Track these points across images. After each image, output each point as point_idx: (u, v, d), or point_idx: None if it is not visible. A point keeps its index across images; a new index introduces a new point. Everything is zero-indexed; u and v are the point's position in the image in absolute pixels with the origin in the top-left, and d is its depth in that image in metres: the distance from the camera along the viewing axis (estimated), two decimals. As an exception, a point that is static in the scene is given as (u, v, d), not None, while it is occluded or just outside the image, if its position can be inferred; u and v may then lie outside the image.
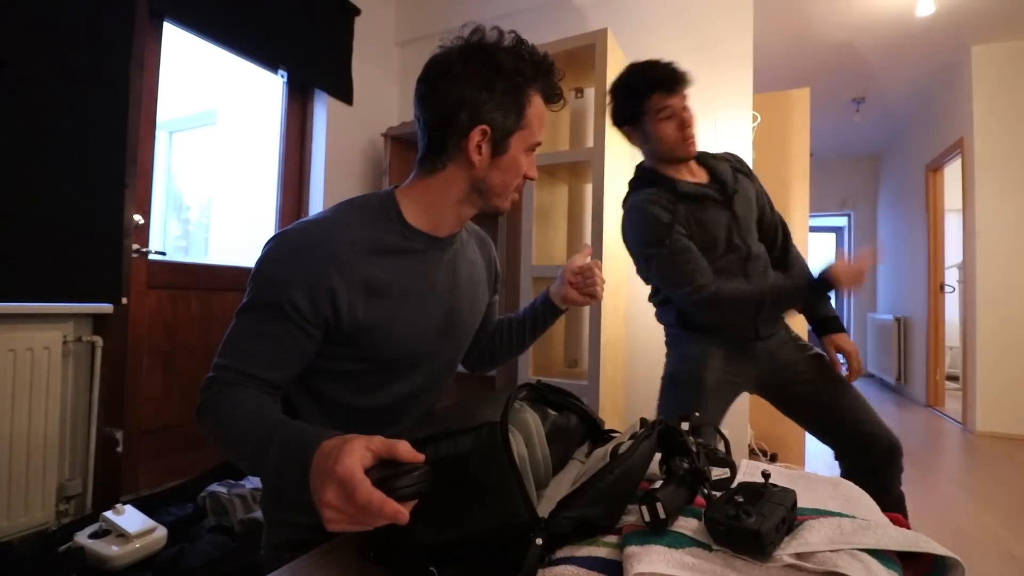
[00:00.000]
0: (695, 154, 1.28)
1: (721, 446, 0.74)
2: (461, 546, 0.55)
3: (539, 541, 0.51)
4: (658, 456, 0.73)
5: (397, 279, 0.75)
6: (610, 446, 0.64)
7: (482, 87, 0.72)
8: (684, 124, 1.22)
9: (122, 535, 1.39)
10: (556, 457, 0.71)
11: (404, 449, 0.48)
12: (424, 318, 0.79)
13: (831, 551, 0.48)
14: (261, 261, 0.70)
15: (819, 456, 2.79)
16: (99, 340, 1.69)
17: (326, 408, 0.78)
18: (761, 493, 0.55)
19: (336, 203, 0.79)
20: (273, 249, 0.70)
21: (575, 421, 0.81)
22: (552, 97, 0.79)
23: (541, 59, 0.77)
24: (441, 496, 0.52)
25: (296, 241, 0.70)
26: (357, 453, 0.46)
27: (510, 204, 0.82)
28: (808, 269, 1.40)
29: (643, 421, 0.70)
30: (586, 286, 0.95)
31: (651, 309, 1.46)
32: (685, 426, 0.73)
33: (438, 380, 0.87)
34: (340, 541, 0.63)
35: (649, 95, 1.23)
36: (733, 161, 1.36)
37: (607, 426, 0.93)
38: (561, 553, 0.54)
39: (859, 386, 5.30)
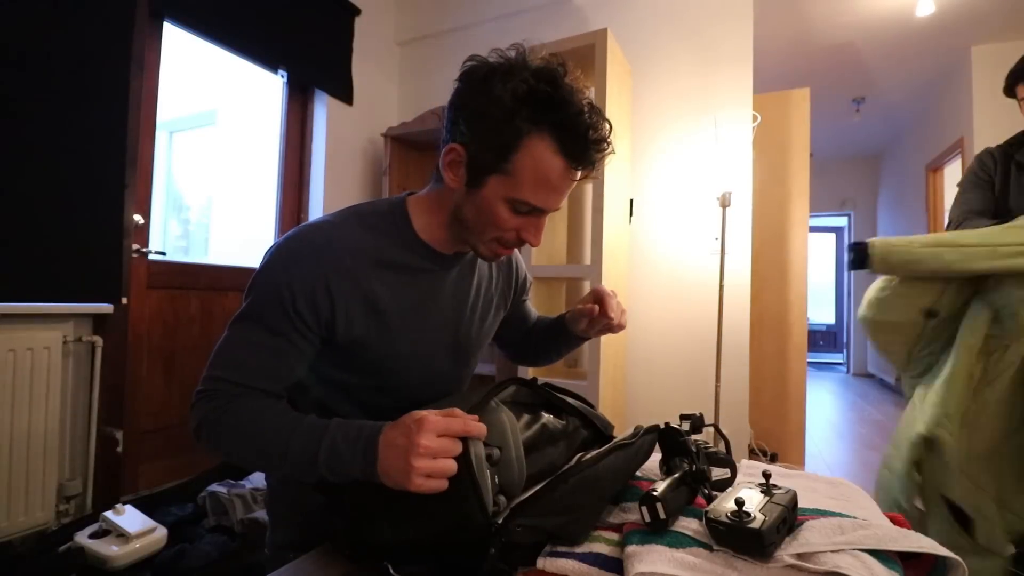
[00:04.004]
0: None
1: (721, 446, 0.74)
2: (421, 546, 0.55)
3: (492, 550, 0.50)
4: (658, 456, 0.72)
5: (399, 297, 0.72)
6: (587, 453, 0.63)
7: (472, 106, 0.66)
8: None
9: (122, 535, 1.39)
10: (547, 462, 0.69)
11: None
12: (424, 341, 0.76)
13: (832, 551, 0.48)
14: (262, 269, 0.67)
15: (819, 456, 2.78)
16: (99, 340, 1.69)
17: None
18: (762, 493, 0.55)
19: (340, 208, 0.75)
20: (274, 256, 0.67)
21: (576, 425, 0.79)
22: (575, 157, 0.64)
23: (573, 105, 0.62)
24: (403, 494, 0.52)
25: (297, 247, 0.67)
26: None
27: (492, 255, 0.73)
28: None
29: (636, 430, 0.69)
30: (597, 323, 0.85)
31: (651, 309, 1.45)
32: (686, 426, 0.72)
33: (445, 397, 0.84)
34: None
35: None
36: None
37: (606, 427, 0.92)
38: (561, 547, 0.54)
39: (861, 386, 5.21)
